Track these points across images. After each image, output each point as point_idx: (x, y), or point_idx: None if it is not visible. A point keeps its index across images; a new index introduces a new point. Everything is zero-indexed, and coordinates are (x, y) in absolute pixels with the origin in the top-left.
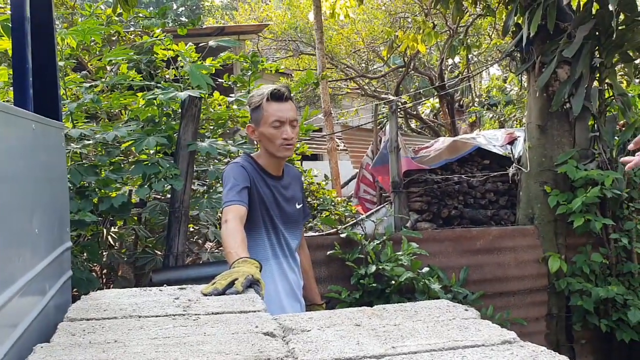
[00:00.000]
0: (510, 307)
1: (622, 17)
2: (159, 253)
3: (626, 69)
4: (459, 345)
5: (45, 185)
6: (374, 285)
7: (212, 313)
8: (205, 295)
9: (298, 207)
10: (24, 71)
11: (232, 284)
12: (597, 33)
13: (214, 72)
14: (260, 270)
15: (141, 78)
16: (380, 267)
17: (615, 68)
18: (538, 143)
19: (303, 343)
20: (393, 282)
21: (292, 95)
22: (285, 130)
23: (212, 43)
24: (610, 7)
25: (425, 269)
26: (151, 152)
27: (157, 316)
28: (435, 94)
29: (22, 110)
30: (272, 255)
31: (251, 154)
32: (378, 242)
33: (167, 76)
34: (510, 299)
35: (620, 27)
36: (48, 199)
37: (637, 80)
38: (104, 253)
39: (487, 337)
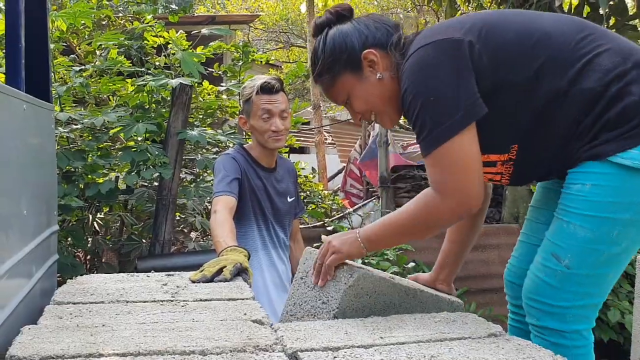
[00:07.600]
0: (493, 303)
1: (612, 20)
2: (145, 241)
3: None
4: (446, 337)
5: (34, 167)
6: None
7: (201, 300)
8: (194, 282)
9: (290, 200)
10: (16, 50)
11: (220, 271)
12: None
13: (204, 60)
14: (248, 259)
15: (131, 64)
16: (366, 260)
17: None
18: None
19: (292, 331)
20: None
21: (283, 87)
22: (274, 122)
23: (205, 31)
24: (601, 11)
25: (411, 264)
26: (140, 139)
27: (144, 301)
28: None
29: (14, 90)
30: (261, 247)
31: (243, 145)
32: None
33: (157, 63)
34: (493, 295)
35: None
36: (37, 181)
37: None
38: (89, 239)
39: (474, 330)
